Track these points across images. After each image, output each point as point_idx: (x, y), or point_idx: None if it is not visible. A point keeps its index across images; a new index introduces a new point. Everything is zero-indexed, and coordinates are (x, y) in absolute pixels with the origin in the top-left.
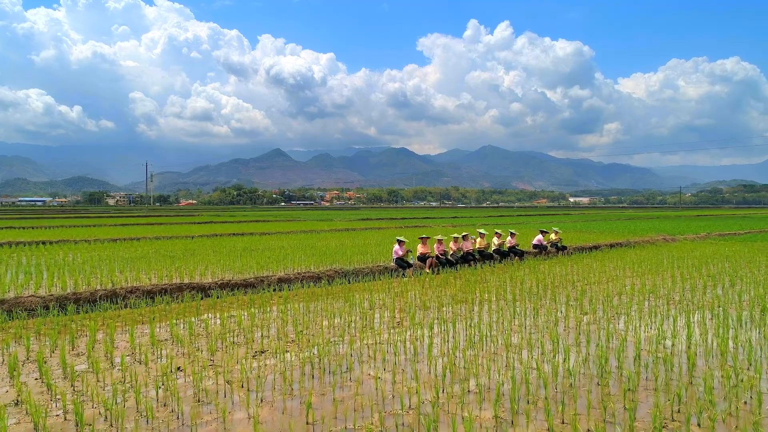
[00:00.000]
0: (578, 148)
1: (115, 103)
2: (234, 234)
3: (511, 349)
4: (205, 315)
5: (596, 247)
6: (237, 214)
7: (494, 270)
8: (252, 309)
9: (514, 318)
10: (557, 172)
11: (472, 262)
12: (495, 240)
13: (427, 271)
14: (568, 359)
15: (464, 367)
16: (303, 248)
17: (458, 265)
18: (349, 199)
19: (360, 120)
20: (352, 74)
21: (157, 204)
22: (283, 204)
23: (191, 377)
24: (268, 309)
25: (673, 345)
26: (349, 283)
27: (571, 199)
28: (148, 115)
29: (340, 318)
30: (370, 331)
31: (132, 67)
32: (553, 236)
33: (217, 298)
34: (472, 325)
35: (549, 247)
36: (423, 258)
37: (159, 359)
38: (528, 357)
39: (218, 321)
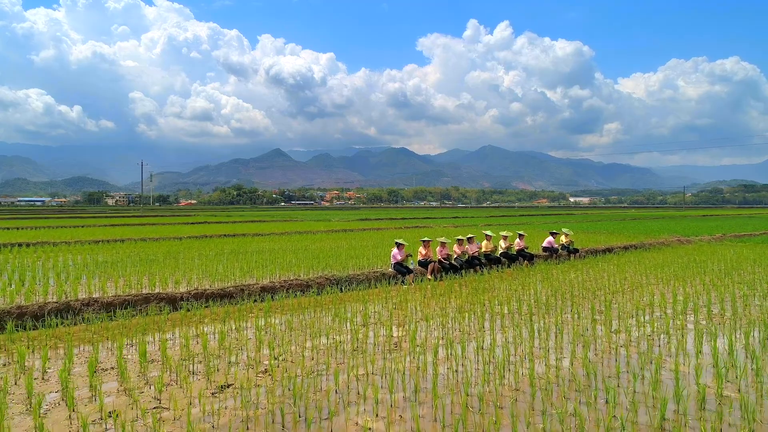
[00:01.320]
0: (578, 148)
1: (115, 103)
2: (225, 235)
3: (538, 384)
4: (169, 333)
5: (609, 250)
6: (233, 214)
7: (503, 276)
8: (225, 325)
9: (535, 338)
10: (557, 172)
11: (477, 267)
12: (502, 243)
13: (429, 277)
14: (614, 401)
15: (481, 413)
16: (295, 251)
17: (463, 271)
18: (349, 199)
19: (360, 120)
20: (352, 74)
21: (157, 204)
22: (282, 204)
23: (124, 429)
24: (244, 325)
25: (738, 378)
26: (342, 291)
27: (572, 199)
28: (148, 115)
29: (327, 338)
30: (362, 356)
31: (132, 67)
32: (563, 238)
33: (188, 311)
34: (485, 347)
35: (560, 250)
36: (424, 263)
37: (92, 399)
38: (560, 396)
39: (181, 342)
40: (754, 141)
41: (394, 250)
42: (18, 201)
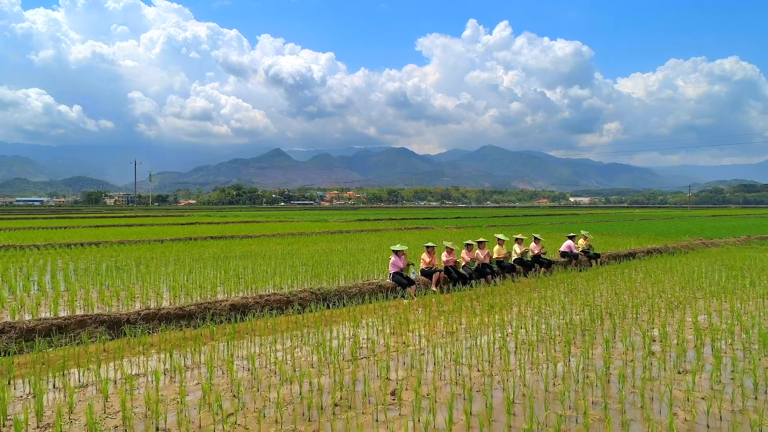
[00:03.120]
0: (578, 148)
1: (115, 103)
2: (212, 237)
3: None
4: (89, 375)
5: (632, 254)
6: (228, 215)
7: (519, 287)
8: (170, 360)
9: (584, 385)
10: (557, 171)
11: (489, 276)
12: (516, 247)
13: (434, 289)
14: None
15: None
16: (282, 256)
17: (473, 281)
18: (349, 198)
19: (360, 120)
20: (352, 74)
21: (156, 204)
22: (282, 204)
23: None
24: (195, 361)
25: None
26: (329, 308)
27: (572, 199)
28: (148, 115)
29: (301, 384)
30: (346, 416)
31: (131, 67)
32: (582, 242)
33: (134, 336)
34: (517, 400)
35: (580, 256)
36: (428, 272)
37: None
38: None
39: (96, 392)
40: (754, 141)
41: (393, 258)
42: (16, 201)
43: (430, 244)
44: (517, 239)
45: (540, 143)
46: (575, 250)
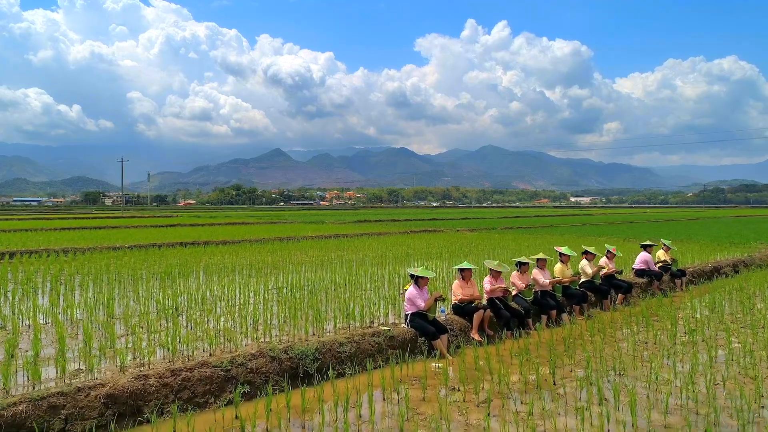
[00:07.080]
0: (578, 148)
1: (114, 103)
2: (181, 243)
3: None
4: None
5: (717, 270)
6: (219, 215)
7: (604, 330)
8: None
9: None
10: (558, 171)
11: (553, 312)
12: (585, 266)
13: (475, 337)
14: None
15: None
16: (257, 271)
17: (530, 320)
18: (349, 198)
19: (359, 120)
20: (351, 74)
21: (154, 204)
22: (282, 204)
23: None
24: None
25: None
26: (305, 385)
27: (572, 199)
28: (147, 115)
29: None
30: None
31: (130, 67)
32: (661, 254)
33: None
34: None
35: (663, 274)
36: (465, 309)
37: None
38: None
39: None
40: (754, 141)
41: (411, 290)
42: (13, 201)
43: (465, 265)
44: (585, 253)
45: (540, 143)
46: (654, 267)
